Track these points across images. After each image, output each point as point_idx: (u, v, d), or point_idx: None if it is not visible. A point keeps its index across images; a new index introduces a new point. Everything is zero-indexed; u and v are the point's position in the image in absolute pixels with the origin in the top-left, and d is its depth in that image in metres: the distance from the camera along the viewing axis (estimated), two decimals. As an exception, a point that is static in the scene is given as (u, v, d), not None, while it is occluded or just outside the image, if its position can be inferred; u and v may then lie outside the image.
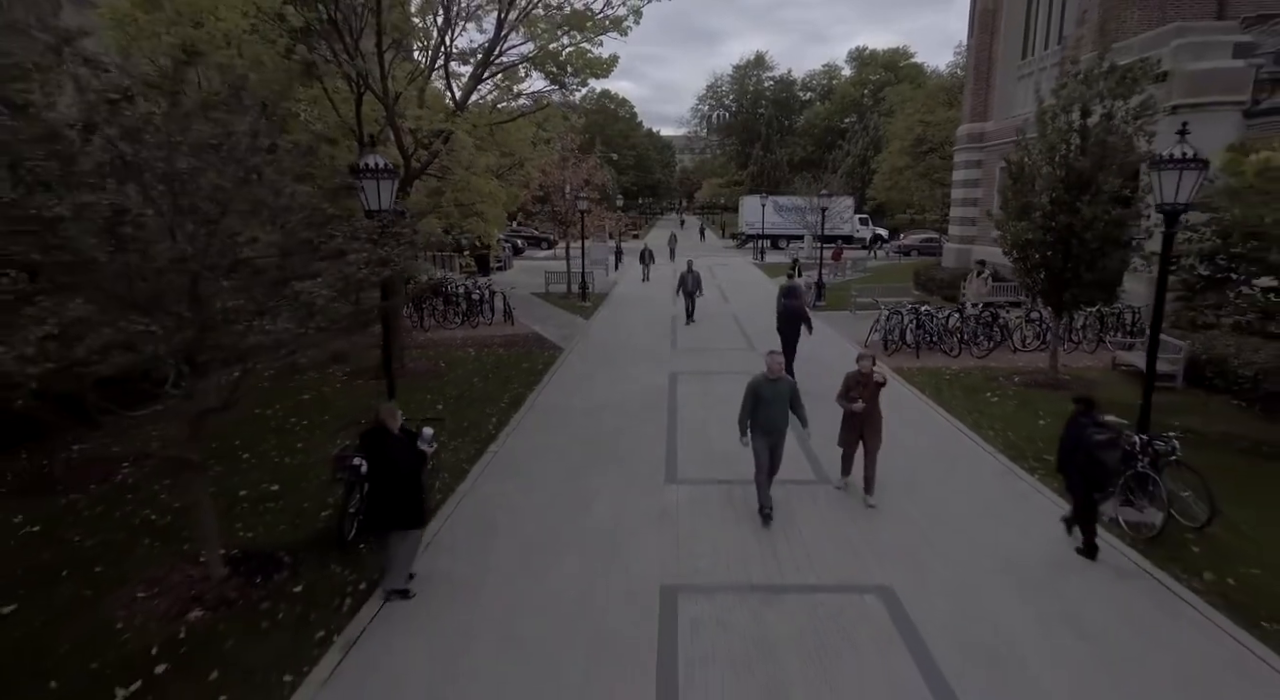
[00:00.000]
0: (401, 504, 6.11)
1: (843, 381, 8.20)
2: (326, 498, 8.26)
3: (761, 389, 7.53)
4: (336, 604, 6.17)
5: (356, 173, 7.32)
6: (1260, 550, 6.84)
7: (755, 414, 7.56)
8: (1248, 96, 15.97)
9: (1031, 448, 9.73)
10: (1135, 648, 5.44)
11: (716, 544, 7.16)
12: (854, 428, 8.13)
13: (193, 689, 5.09)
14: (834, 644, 5.49)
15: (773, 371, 7.58)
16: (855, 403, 7.95)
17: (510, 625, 5.82)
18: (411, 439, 6.37)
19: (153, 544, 7.31)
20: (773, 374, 7.57)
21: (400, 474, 6.11)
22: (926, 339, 15.96)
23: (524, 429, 10.99)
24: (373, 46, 11.71)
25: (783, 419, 7.63)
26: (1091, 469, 6.52)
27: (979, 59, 28.00)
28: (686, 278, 19.48)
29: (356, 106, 12.17)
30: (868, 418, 7.99)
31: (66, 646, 5.57)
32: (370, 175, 7.28)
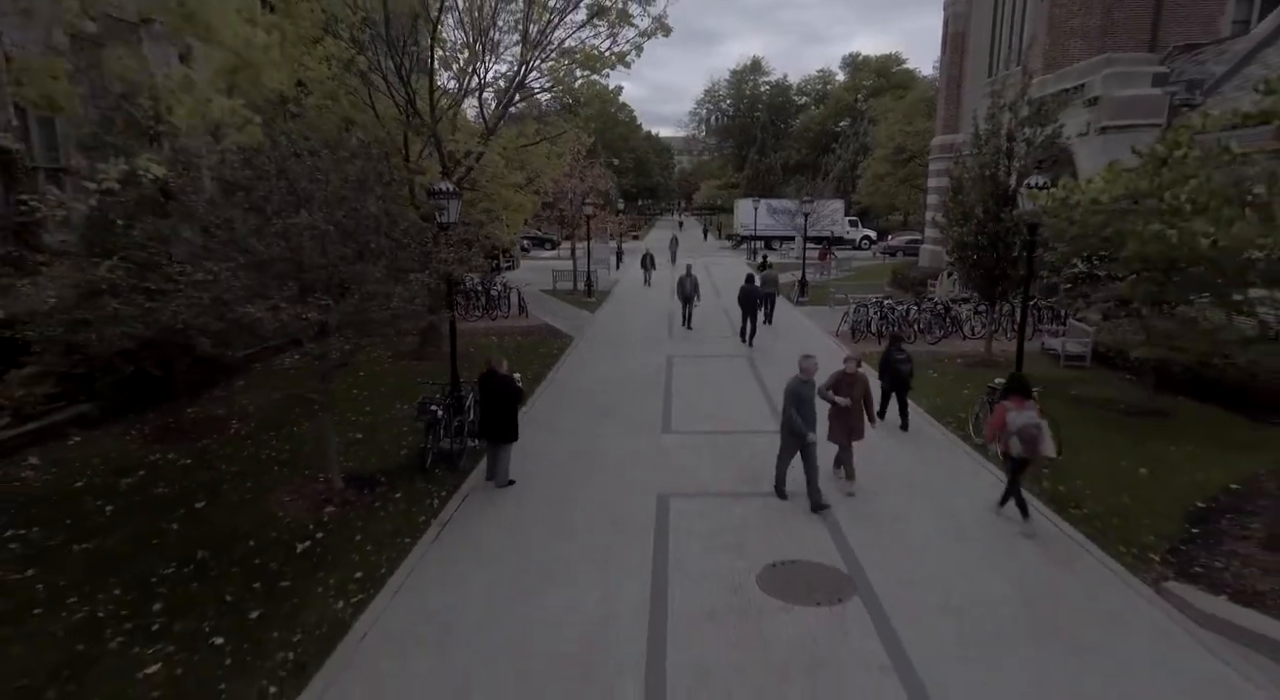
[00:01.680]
0: (505, 424, 8.80)
1: (829, 378, 8.99)
2: (400, 442, 10.80)
3: (801, 390, 8.37)
4: (428, 503, 8.72)
5: (433, 195, 9.86)
6: (1086, 472, 9.37)
7: (802, 413, 8.29)
8: (1164, 119, 18.52)
9: (950, 409, 12.28)
10: (990, 520, 7.97)
11: (698, 471, 9.71)
12: (844, 424, 8.83)
13: (344, 544, 7.63)
14: (776, 520, 8.04)
15: (806, 373, 8.41)
16: (844, 399, 8.73)
17: (553, 514, 8.37)
18: (512, 379, 9.00)
19: (279, 470, 9.84)
20: (805, 376, 8.41)
21: (506, 401, 8.72)
22: (888, 328, 18.49)
23: (548, 398, 13.53)
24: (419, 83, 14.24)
25: (814, 414, 8.44)
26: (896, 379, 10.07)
27: (950, 76, 30.57)
28: (684, 282, 20.06)
29: (405, 134, 14.71)
30: (854, 413, 8.82)
31: (248, 525, 8.10)
32: (444, 196, 9.83)
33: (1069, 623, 6.07)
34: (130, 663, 5.68)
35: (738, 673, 5.46)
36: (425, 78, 13.93)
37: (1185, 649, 5.75)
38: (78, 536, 7.80)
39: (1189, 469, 9.27)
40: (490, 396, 9.10)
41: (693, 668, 5.53)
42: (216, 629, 6.10)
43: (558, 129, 16.88)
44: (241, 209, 7.12)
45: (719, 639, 5.89)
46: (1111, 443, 10.43)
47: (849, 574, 6.91)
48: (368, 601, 6.57)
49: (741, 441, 10.79)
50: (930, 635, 5.90)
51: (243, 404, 13.05)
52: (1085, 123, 19.63)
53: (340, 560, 7.32)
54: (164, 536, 7.82)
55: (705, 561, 7.19)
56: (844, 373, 8.92)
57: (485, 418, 9.17)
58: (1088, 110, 19.54)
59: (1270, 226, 6.02)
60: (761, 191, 71.25)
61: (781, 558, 7.22)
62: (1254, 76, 17.11)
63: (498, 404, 9.04)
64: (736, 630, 6.01)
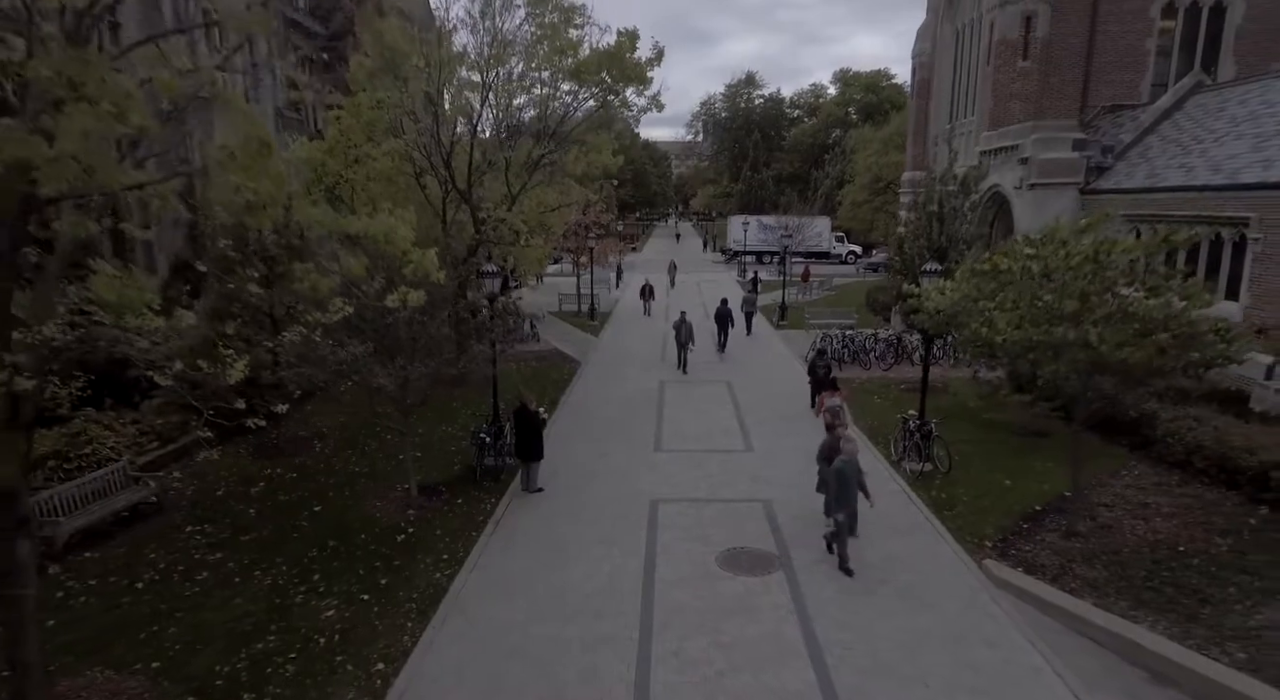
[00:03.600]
0: (534, 446, 12.07)
1: (818, 449, 10.79)
2: (452, 459, 14.05)
3: (845, 469, 9.25)
4: (483, 505, 11.99)
5: (480, 274, 13.13)
6: (967, 482, 12.61)
7: (843, 494, 9.26)
8: (1081, 179, 21.80)
9: (883, 431, 15.52)
10: (887, 519, 11.23)
11: (681, 481, 12.97)
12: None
13: (429, 536, 10.89)
14: (735, 523, 11.29)
15: (849, 455, 9.31)
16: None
17: (573, 512, 11.63)
18: (538, 413, 12.27)
19: (365, 481, 13.09)
20: (849, 457, 9.30)
21: (534, 430, 12.00)
22: (849, 355, 21.76)
23: (564, 419, 16.78)
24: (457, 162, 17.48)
25: (855, 495, 9.42)
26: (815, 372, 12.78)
27: (917, 118, 33.83)
28: (680, 328, 21.01)
29: (443, 202, 17.97)
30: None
31: (357, 523, 11.35)
32: (488, 275, 13.10)
33: (914, 583, 9.32)
34: (312, 610, 8.94)
35: (699, 612, 8.72)
36: (464, 158, 17.15)
37: (983, 601, 9.00)
38: (240, 530, 11.06)
39: (1041, 479, 12.51)
40: (523, 426, 12.37)
41: (671, 609, 8.79)
42: (361, 590, 9.36)
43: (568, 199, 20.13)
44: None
45: (688, 594, 9.14)
46: (996, 458, 13.69)
47: (778, 554, 10.18)
48: (454, 573, 9.83)
49: (714, 458, 14.05)
50: (820, 592, 9.15)
51: (318, 426, 16.29)
52: (1019, 178, 22.90)
53: (430, 547, 10.58)
54: (301, 531, 11.08)
55: (682, 547, 10.45)
56: (833, 438, 10.42)
57: (519, 442, 12.44)
58: (1021, 167, 22.81)
59: (1040, 327, 9.26)
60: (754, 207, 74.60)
61: (735, 545, 10.48)
62: (1152, 145, 20.52)
63: (529, 432, 12.31)
64: (700, 589, 9.27)
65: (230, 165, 6.00)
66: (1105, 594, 8.81)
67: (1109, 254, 9.19)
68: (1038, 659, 7.83)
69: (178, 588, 9.51)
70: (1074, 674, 7.57)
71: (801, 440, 14.43)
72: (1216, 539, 9.89)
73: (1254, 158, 16.27)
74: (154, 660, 7.96)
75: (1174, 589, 8.75)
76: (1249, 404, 13.79)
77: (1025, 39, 24.02)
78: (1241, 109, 18.68)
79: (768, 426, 15.97)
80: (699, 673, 7.63)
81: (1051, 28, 23.95)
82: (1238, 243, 15.97)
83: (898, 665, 7.71)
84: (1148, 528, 10.46)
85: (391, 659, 7.99)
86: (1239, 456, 11.05)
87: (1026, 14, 23.78)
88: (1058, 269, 9.39)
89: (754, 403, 17.96)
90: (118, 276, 6.10)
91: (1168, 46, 24.81)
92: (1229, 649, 7.54)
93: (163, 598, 9.25)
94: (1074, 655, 7.94)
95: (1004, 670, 7.64)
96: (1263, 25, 23.98)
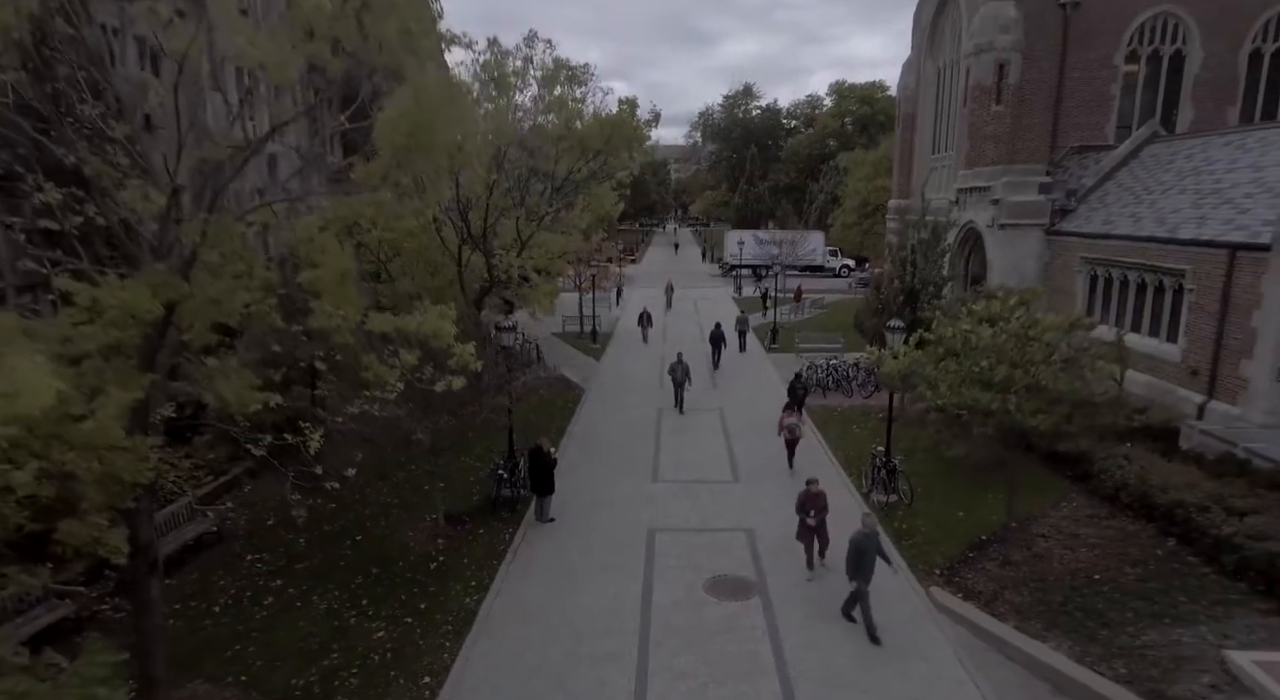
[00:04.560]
0: (546, 482, 13.83)
1: (796, 499, 11.95)
2: (471, 491, 15.79)
3: (865, 543, 10.09)
4: (502, 535, 13.75)
5: (499, 329, 14.90)
6: (926, 513, 14.36)
7: (861, 564, 10.09)
8: (1046, 220, 23.57)
9: (858, 460, 17.26)
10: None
11: (675, 512, 14.73)
12: (808, 531, 11.78)
13: (457, 564, 12.65)
14: (721, 551, 13.05)
15: (869, 528, 10.29)
16: (809, 516, 11.62)
17: (581, 541, 13.39)
18: (550, 453, 14.04)
19: (397, 511, 14.85)
20: (868, 530, 10.26)
21: (547, 468, 13.77)
22: (832, 383, 23.52)
23: (571, 450, 18.51)
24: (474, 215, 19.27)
25: (873, 565, 10.24)
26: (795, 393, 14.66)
27: (903, 149, 35.61)
28: (676, 368, 21.59)
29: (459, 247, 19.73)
30: (820, 525, 11.78)
31: (394, 552, 13.11)
32: (506, 330, 14.86)
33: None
34: (365, 631, 10.71)
35: (689, 632, 10.49)
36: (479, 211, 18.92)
37: (926, 624, 10.76)
38: (294, 559, 12.83)
39: (991, 510, 14.24)
40: (537, 465, 14.12)
41: (665, 630, 10.56)
42: (404, 613, 11.14)
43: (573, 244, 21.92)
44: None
45: (680, 617, 10.91)
46: (954, 490, 15.44)
47: (756, 581, 11.95)
48: (481, 599, 11.60)
49: (705, 489, 15.81)
50: (791, 616, 10.92)
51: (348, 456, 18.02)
52: (991, 217, 24.68)
53: (458, 574, 12.35)
54: (347, 559, 12.85)
55: (675, 574, 12.22)
56: (809, 492, 11.67)
57: (534, 478, 14.20)
58: (993, 207, 24.59)
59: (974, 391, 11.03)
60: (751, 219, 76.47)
61: (720, 573, 12.25)
62: (1110, 191, 22.30)
63: (542, 470, 14.08)
64: (689, 613, 11.03)
65: (323, 293, 7.78)
66: (1027, 617, 10.59)
67: (1035, 330, 10.94)
68: (963, 674, 9.60)
69: (249, 611, 11.29)
70: (991, 686, 9.35)
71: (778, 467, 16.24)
72: (1127, 568, 11.67)
73: (1192, 213, 18.05)
74: (241, 675, 9.73)
75: (1082, 613, 10.52)
76: (1178, 441, 15.54)
77: (998, 84, 25.75)
78: (1187, 163, 20.46)
79: (753, 455, 17.71)
80: (688, 685, 9.40)
81: (1023, 74, 25.70)
82: (1176, 291, 17.74)
83: (848, 678, 9.50)
84: (1073, 557, 12.23)
85: (435, 673, 9.76)
86: (1155, 494, 12.82)
87: (999, 61, 25.51)
88: (994, 342, 11.16)
89: (743, 430, 19.72)
90: (234, 377, 7.87)
91: (1133, 88, 26.58)
92: (1115, 665, 9.32)
93: (239, 620, 11.03)
94: (993, 670, 9.71)
95: (934, 683, 9.42)
96: (1217, 74, 25.77)
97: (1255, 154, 18.18)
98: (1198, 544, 11.68)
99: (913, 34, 34.54)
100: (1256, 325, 15.26)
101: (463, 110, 9.62)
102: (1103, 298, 20.83)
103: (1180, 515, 12.10)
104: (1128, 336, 19.00)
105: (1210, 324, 16.50)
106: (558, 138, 17.64)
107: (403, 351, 8.63)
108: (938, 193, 31.25)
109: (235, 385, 7.85)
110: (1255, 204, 16.37)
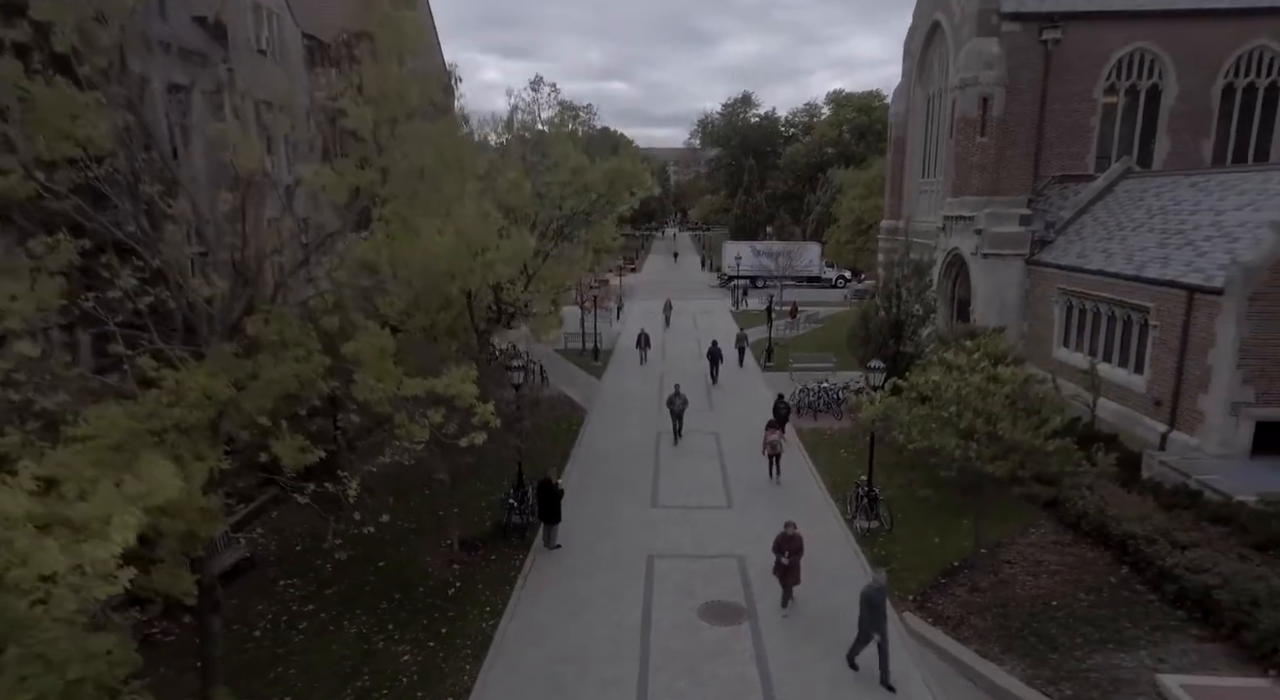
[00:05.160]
0: (554, 512, 15.02)
1: (775, 540, 12.82)
2: (484, 517, 16.98)
3: (875, 597, 10.71)
4: (513, 561, 14.95)
5: (509, 368, 16.07)
6: (906, 540, 15.54)
7: (874, 617, 10.68)
8: (1026, 251, 24.75)
9: (844, 486, 18.44)
10: (840, 569, 14.15)
11: (673, 538, 15.92)
12: (784, 569, 12.60)
13: (472, 589, 13.84)
14: (715, 577, 14.23)
15: (878, 583, 10.90)
16: (784, 556, 12.47)
17: (586, 567, 14.56)
18: (557, 485, 15.23)
19: (415, 538, 16.02)
20: (877, 585, 10.86)
21: (555, 500, 14.96)
22: (822, 405, 24.71)
23: (576, 474, 19.67)
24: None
25: (885, 616, 10.86)
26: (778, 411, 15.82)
27: (894, 171, 36.80)
28: (674, 400, 22.19)
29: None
30: (792, 564, 12.59)
31: (415, 577, 14.30)
32: (517, 368, 16.05)
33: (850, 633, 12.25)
34: (393, 655, 11.90)
35: (685, 656, 11.67)
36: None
37: (898, 648, 11.93)
38: (323, 584, 14.02)
39: (965, 536, 15.38)
40: (545, 496, 15.30)
41: (663, 653, 11.75)
42: (427, 637, 12.32)
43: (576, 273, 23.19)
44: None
45: (677, 641, 12.09)
46: (932, 516, 16.59)
47: (746, 607, 13.14)
48: (496, 623, 12.78)
49: (701, 515, 17.00)
50: (776, 640, 12.11)
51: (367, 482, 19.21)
52: (975, 246, 25.86)
53: (474, 600, 13.54)
54: (371, 585, 14.03)
55: (672, 600, 13.40)
56: (784, 534, 12.65)
57: (542, 508, 15.38)
58: (977, 237, 25.77)
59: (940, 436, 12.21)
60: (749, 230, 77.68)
61: (713, 599, 13.43)
62: (1086, 224, 23.48)
63: (550, 501, 15.25)
64: (685, 637, 12.21)
65: (364, 364, 8.98)
66: (988, 641, 11.78)
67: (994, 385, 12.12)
68: (926, 693, 10.79)
69: (286, 635, 12.48)
70: (951, 704, 10.56)
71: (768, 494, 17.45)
72: (1081, 594, 12.86)
73: (1157, 253, 19.25)
74: (285, 695, 10.93)
75: (1036, 637, 11.72)
76: (1140, 470, 16.74)
77: (983, 117, 26.92)
78: (1155, 202, 21.65)
79: (745, 481, 18.89)
80: (682, 704, 10.61)
81: (1006, 107, 26.88)
82: (1143, 326, 18.93)
83: (823, 697, 10.69)
84: (1035, 583, 13.43)
85: (458, 695, 10.95)
86: (1111, 524, 14.01)
87: (984, 95, 26.68)
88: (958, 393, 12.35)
89: (736, 452, 20.91)
90: (288, 439, 9.05)
91: (1114, 120, 27.77)
92: (1062, 687, 10.51)
93: (277, 643, 12.22)
94: (955, 690, 10.90)
95: (901, 702, 10.63)
96: (1192, 107, 26.97)
97: (1215, 197, 19.37)
98: (1146, 573, 12.88)
99: (903, 61, 35.71)
100: (1211, 362, 16.46)
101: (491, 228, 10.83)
102: (1078, 327, 22.02)
103: (1132, 546, 13.29)
104: (1100, 366, 20.20)
105: (1172, 358, 17.69)
106: (563, 183, 18.84)
107: (430, 411, 9.80)
108: (927, 216, 32.48)
109: (289, 447, 9.04)
110: (1213, 248, 17.56)
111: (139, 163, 8.76)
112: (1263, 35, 26.31)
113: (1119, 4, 26.57)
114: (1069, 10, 26.55)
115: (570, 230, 20.87)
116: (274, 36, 24.42)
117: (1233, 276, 15.80)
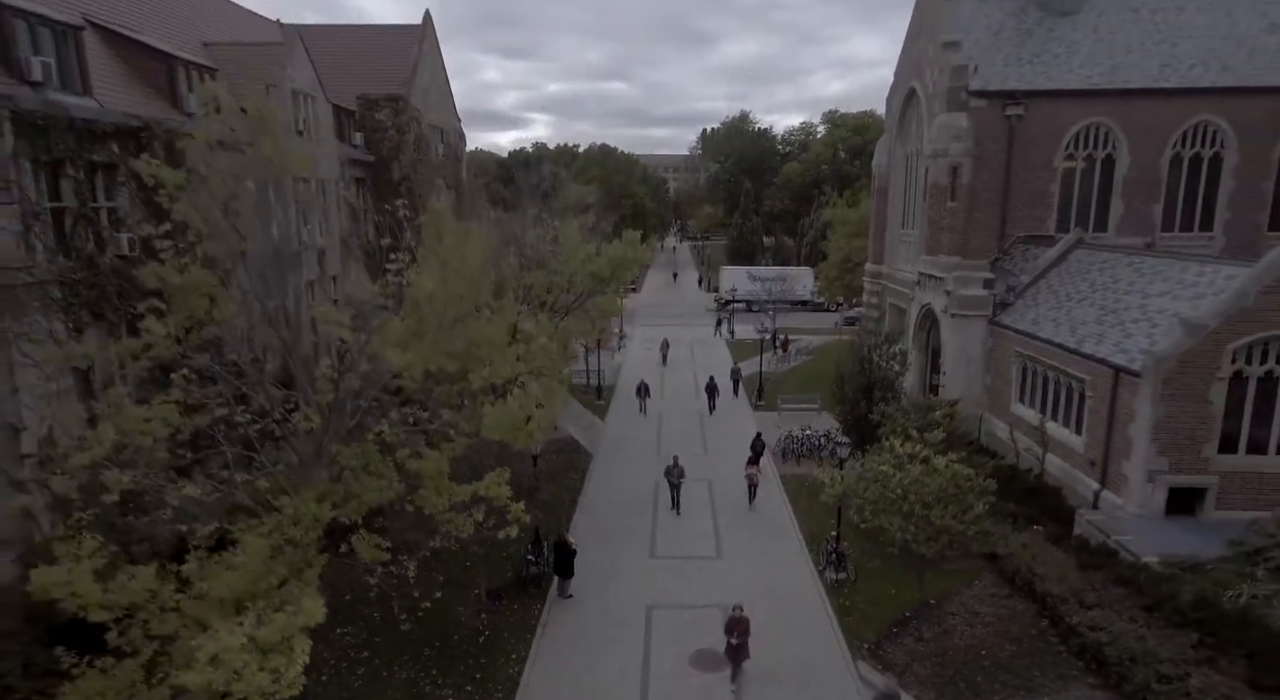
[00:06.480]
0: (568, 567, 17.69)
1: (725, 622, 14.56)
2: (504, 567, 19.61)
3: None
4: (533, 610, 17.61)
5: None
6: (866, 592, 18.14)
7: None
8: (990, 312, 27.37)
9: (819, 537, 21.06)
10: (810, 624, 16.76)
11: (669, 588, 18.55)
12: (732, 649, 14.24)
13: (499, 637, 16.50)
14: (704, 627, 16.86)
15: (890, 691, 12.88)
16: (733, 637, 14.07)
17: (595, 617, 17.20)
18: (570, 544, 17.89)
19: (446, 589, 18.63)
20: (890, 692, 12.84)
21: (569, 557, 17.63)
22: (805, 451, 27.34)
23: (582, 523, 22.33)
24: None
25: None
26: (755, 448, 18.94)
27: (878, 218, 39.41)
28: (672, 470, 23.31)
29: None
30: (741, 645, 14.21)
31: (450, 627, 16.94)
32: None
33: (808, 680, 14.88)
34: (439, 697, 14.54)
35: (676, 694, 14.32)
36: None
37: (850, 695, 14.56)
38: (373, 632, 16.67)
39: (915, 591, 18.04)
40: (560, 553, 17.97)
41: (659, 696, 14.39)
42: (465, 682, 14.98)
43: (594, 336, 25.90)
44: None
45: (670, 687, 14.73)
46: (891, 570, 19.15)
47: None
48: (521, 669, 15.43)
49: (693, 566, 19.64)
50: (750, 686, 14.74)
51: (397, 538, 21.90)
52: (944, 305, 28.49)
53: (501, 647, 16.19)
54: (414, 634, 16.66)
55: (668, 648, 16.04)
56: (734, 617, 14.37)
57: (558, 564, 18.05)
58: (946, 296, 28.39)
59: (887, 516, 14.84)
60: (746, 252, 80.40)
61: (702, 647, 16.06)
62: (1041, 290, 26.09)
63: (564, 558, 17.93)
64: (677, 683, 14.85)
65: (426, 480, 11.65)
66: (926, 687, 14.41)
67: (930, 477, 14.74)
68: (870, 733, 13.45)
69: (347, 680, 15.13)
70: (889, 742, 13.19)
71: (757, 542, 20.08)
72: (1007, 645, 15.49)
73: (1095, 329, 21.86)
74: (354, 734, 13.58)
75: (964, 684, 14.35)
76: (1073, 527, 19.36)
77: (953, 184, 29.51)
78: (1099, 277, 24.25)
79: (735, 531, 21.54)
80: (674, 742, 13.26)
81: (974, 175, 29.46)
82: (1080, 393, 21.55)
83: (789, 737, 13.35)
84: (971, 633, 16.05)
85: (494, 733, 13.61)
86: (1036, 582, 16.63)
87: (953, 165, 29.26)
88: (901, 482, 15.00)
89: (726, 495, 23.60)
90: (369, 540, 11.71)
91: (1071, 185, 30.36)
92: (976, 728, 13.15)
93: (341, 688, 14.88)
94: (894, 729, 13.53)
95: (849, 740, 13.29)
96: (1143, 175, 29.57)
97: (1146, 280, 21.98)
98: (1059, 627, 15.50)
99: (886, 117, 38.34)
100: (1132, 435, 19.08)
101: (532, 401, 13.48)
102: (1032, 386, 24.64)
103: (1050, 602, 15.91)
104: (1049, 424, 22.85)
105: (1102, 426, 20.31)
106: (572, 272, 21.53)
107: (474, 510, 12.48)
108: (905, 264, 35.10)
109: (366, 544, 11.71)
110: (1138, 330, 20.18)
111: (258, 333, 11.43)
112: (1206, 111, 28.91)
113: (1076, 83, 29.21)
114: (1030, 88, 29.18)
115: (579, 304, 23.55)
116: (310, 117, 27.17)
117: (1147, 364, 18.43)
